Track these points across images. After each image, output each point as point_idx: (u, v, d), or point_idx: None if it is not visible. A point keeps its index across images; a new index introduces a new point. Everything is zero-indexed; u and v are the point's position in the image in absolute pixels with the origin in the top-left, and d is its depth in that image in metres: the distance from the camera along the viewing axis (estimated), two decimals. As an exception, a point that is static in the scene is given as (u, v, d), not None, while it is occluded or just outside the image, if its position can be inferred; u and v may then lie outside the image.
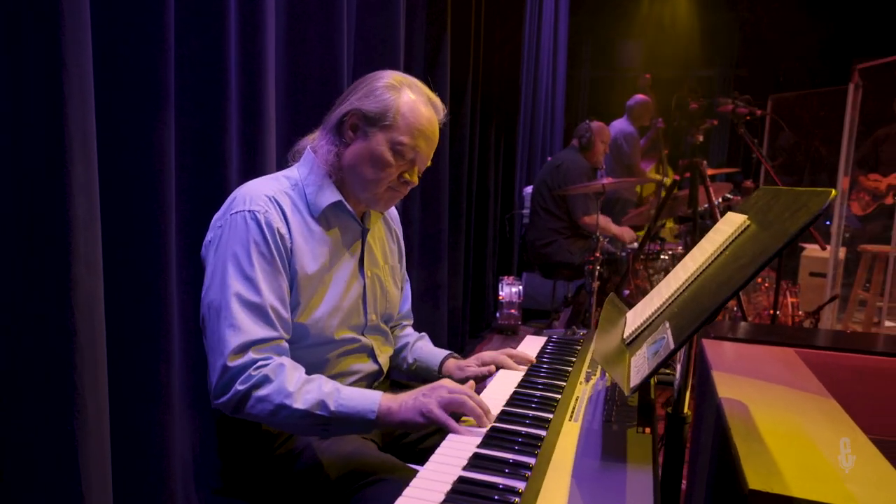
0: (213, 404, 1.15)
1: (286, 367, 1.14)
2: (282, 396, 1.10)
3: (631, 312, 1.33)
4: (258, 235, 1.18)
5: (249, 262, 1.16)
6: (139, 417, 1.46)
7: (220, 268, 1.17)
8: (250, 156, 1.74)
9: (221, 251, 1.19)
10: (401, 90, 1.25)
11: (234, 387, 1.11)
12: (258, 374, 1.11)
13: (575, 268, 3.65)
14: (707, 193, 2.58)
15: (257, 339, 1.13)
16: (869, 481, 0.93)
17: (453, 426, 1.04)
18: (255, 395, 1.11)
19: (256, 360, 1.12)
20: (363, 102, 1.25)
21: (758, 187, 3.56)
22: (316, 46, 1.99)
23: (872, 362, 1.96)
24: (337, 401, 1.11)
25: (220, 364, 1.12)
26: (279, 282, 1.19)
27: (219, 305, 1.14)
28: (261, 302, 1.15)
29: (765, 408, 1.19)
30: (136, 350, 1.45)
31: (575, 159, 3.78)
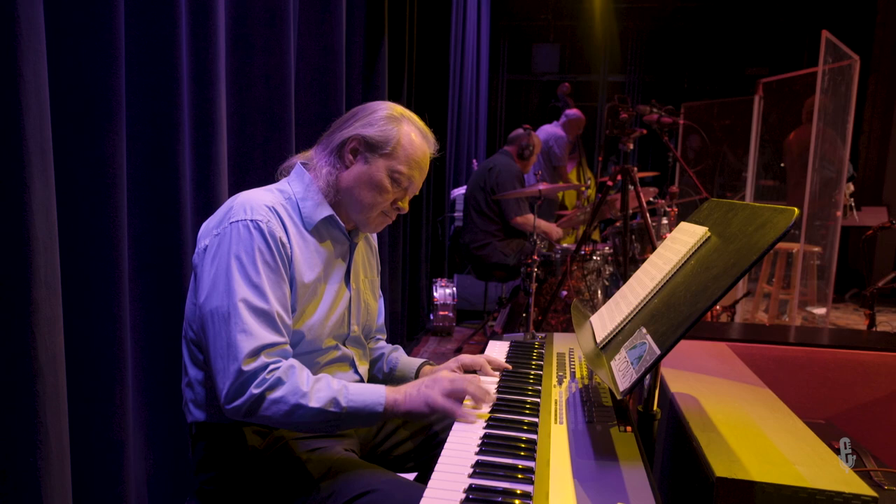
0: (225, 409, 1.15)
1: (296, 369, 1.17)
2: (297, 396, 1.14)
3: (595, 317, 1.41)
4: (262, 244, 1.20)
5: (255, 269, 1.18)
6: (95, 442, 1.40)
7: (224, 275, 1.18)
8: (203, 165, 1.70)
9: (222, 258, 1.19)
10: (401, 122, 1.33)
11: (248, 390, 1.12)
12: (272, 377, 1.14)
13: (509, 269, 3.76)
14: (638, 197, 2.75)
15: (268, 343, 1.16)
16: (813, 462, 1.04)
17: (460, 412, 1.12)
18: (270, 397, 1.13)
19: (268, 364, 1.15)
20: (366, 129, 1.31)
21: (680, 192, 3.81)
22: (261, 53, 1.95)
23: (790, 352, 2.18)
24: (347, 397, 1.16)
25: (235, 368, 1.13)
26: (283, 289, 1.22)
27: (226, 311, 1.15)
28: (269, 309, 1.17)
29: (713, 400, 1.31)
30: (91, 373, 1.38)
31: (507, 163, 3.89)
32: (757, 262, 0.90)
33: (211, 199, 1.70)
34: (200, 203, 1.70)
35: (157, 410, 1.65)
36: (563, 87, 5.96)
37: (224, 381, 1.14)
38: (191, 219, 1.66)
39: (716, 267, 1.01)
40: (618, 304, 1.32)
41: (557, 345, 1.61)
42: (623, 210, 2.76)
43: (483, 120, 7.12)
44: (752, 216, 1.05)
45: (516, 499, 0.85)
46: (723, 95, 5.73)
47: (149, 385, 1.63)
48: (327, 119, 2.32)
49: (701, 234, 1.16)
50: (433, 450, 1.46)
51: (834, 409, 2.10)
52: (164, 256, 1.60)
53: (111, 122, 1.36)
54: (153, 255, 1.59)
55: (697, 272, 1.07)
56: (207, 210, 1.69)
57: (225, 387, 1.14)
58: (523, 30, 9.04)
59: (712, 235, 1.15)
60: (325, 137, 1.37)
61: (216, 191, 1.71)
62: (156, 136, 1.55)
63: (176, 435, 1.69)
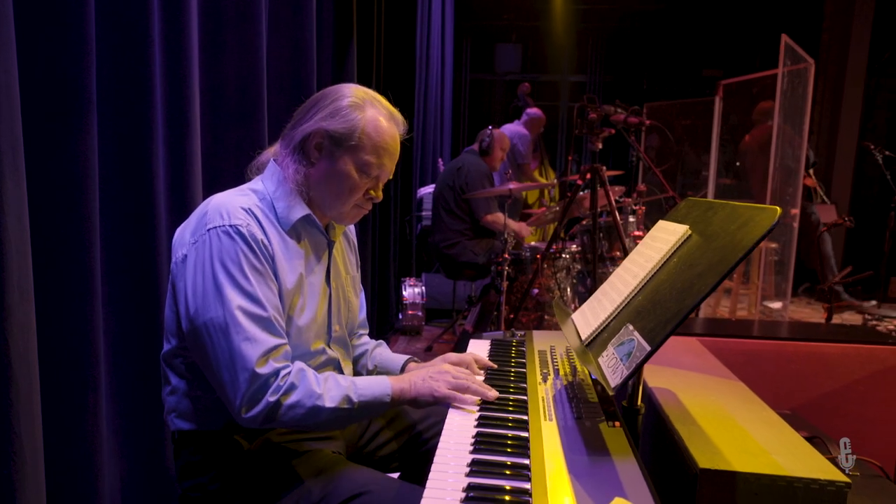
0: (241, 419, 1.13)
1: (305, 371, 1.17)
2: (313, 399, 1.14)
3: (577, 315, 1.43)
4: (246, 248, 1.17)
5: (244, 276, 1.15)
6: (69, 450, 1.35)
7: (212, 285, 1.14)
8: (177, 165, 1.66)
9: (206, 268, 1.15)
10: (365, 108, 1.26)
11: (264, 398, 1.12)
12: (286, 383, 1.14)
13: (479, 268, 3.78)
14: (607, 196, 2.80)
15: (272, 346, 1.14)
16: (788, 451, 1.09)
17: (460, 398, 1.19)
18: (287, 402, 1.13)
19: (279, 370, 1.14)
20: (328, 122, 1.24)
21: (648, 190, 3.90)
22: (233, 51, 1.92)
23: (756, 345, 2.26)
24: (356, 392, 1.18)
25: (246, 376, 1.11)
26: (273, 292, 1.20)
27: (224, 322, 1.13)
28: (266, 314, 1.15)
29: (690, 393, 1.34)
30: (64, 380, 1.34)
31: (475, 162, 3.91)
32: (742, 260, 0.93)
33: (186, 198, 1.66)
34: (175, 203, 1.66)
35: (133, 417, 1.61)
36: (524, 86, 6.05)
37: (235, 391, 1.12)
38: (165, 219, 1.62)
39: (700, 264, 1.04)
40: (600, 302, 1.34)
41: (538, 342, 1.63)
42: (592, 208, 2.80)
43: (448, 119, 7.14)
44: (733, 215, 1.09)
45: (516, 496, 0.85)
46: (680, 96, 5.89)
47: (124, 391, 1.59)
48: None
49: (682, 233, 1.20)
50: (417, 449, 1.46)
51: (798, 399, 2.18)
52: (138, 259, 1.56)
53: (82, 121, 1.32)
54: (127, 257, 1.54)
55: (681, 270, 1.10)
56: (181, 210, 1.65)
57: (237, 397, 1.12)
58: (486, 29, 9.09)
59: (693, 234, 1.18)
60: (288, 131, 1.31)
61: (191, 190, 1.68)
62: (128, 135, 1.50)
63: (153, 442, 1.65)
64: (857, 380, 2.18)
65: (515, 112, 6.01)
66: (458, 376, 1.24)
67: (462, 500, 0.85)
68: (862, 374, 2.18)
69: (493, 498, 0.85)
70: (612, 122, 2.84)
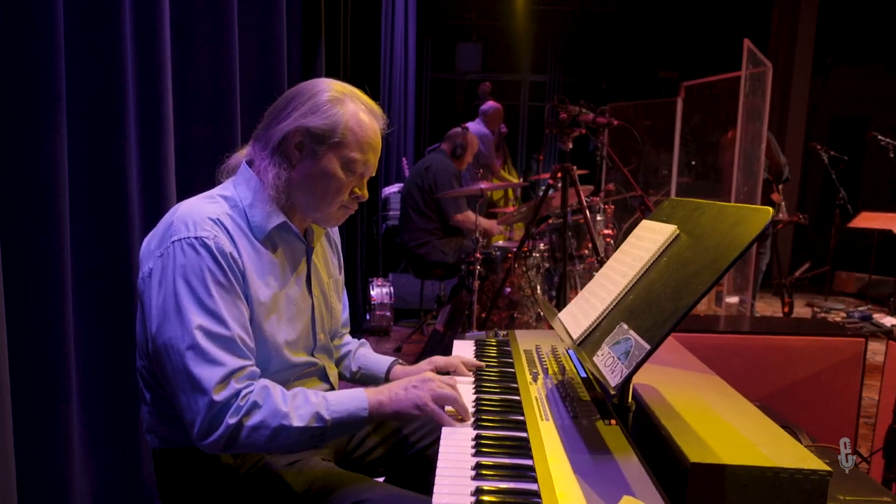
0: (200, 445, 1.06)
1: (270, 388, 1.09)
2: (278, 418, 1.06)
3: (564, 314, 1.44)
4: (212, 263, 1.09)
5: (208, 293, 1.08)
6: (39, 463, 1.29)
7: (173, 302, 1.07)
8: (150, 165, 1.60)
9: (168, 284, 1.08)
10: (345, 102, 1.19)
11: (224, 421, 1.04)
12: (247, 402, 1.06)
13: (449, 267, 3.79)
14: (578, 195, 2.84)
15: (235, 368, 1.07)
16: (771, 442, 1.12)
17: (447, 420, 1.09)
18: (249, 423, 1.05)
19: (240, 390, 1.06)
20: (308, 119, 1.17)
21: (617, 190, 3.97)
22: (206, 48, 1.87)
23: (724, 340, 2.33)
24: (328, 408, 1.10)
25: (205, 401, 1.04)
26: (241, 309, 1.12)
27: (183, 343, 1.05)
28: (229, 334, 1.08)
29: (672, 388, 1.37)
30: (34, 390, 1.28)
31: (444, 162, 3.91)
32: (739, 258, 0.96)
33: (159, 199, 1.61)
34: (148, 205, 1.60)
35: (105, 429, 1.54)
36: (484, 86, 6.06)
37: (193, 416, 1.05)
38: (138, 221, 1.57)
39: (693, 264, 1.06)
40: (588, 301, 1.36)
41: (522, 342, 1.64)
42: (563, 207, 2.84)
43: (411, 118, 7.12)
44: (722, 215, 1.12)
45: (525, 497, 0.86)
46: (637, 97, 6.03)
47: (97, 402, 1.52)
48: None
49: (670, 232, 1.22)
50: (404, 453, 1.45)
51: (764, 391, 2.26)
52: (110, 262, 1.50)
53: (51, 119, 1.26)
54: (99, 261, 1.48)
55: (674, 269, 1.12)
56: (155, 212, 1.60)
57: (196, 423, 1.05)
58: (446, 29, 9.11)
59: (682, 233, 1.20)
60: (262, 131, 1.23)
61: (165, 191, 1.62)
62: (100, 134, 1.45)
63: (127, 455, 1.59)
64: (819, 371, 2.27)
65: (476, 111, 6.02)
66: (444, 385, 1.15)
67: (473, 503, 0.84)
68: (822, 366, 2.27)
69: (505, 501, 0.85)
70: (580, 121, 2.87)
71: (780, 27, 7.26)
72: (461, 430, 1.10)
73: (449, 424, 1.09)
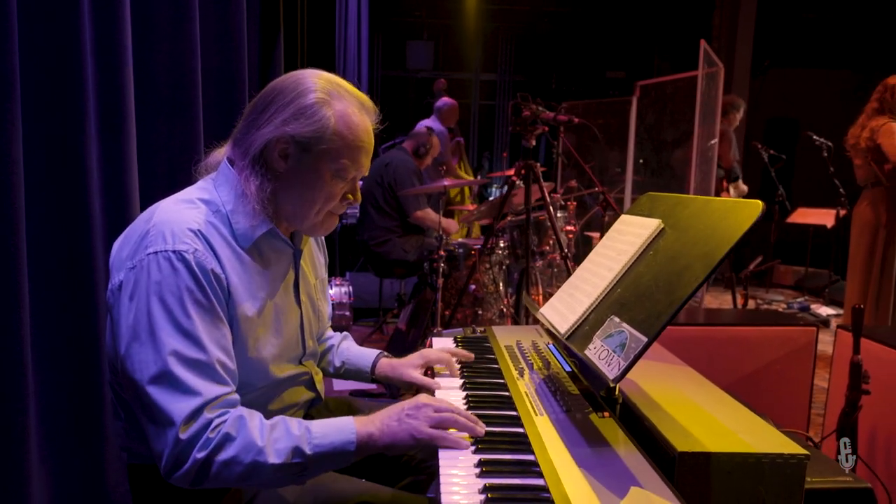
0: (168, 479, 0.98)
1: (246, 419, 0.99)
2: (252, 454, 0.96)
3: (547, 309, 1.45)
4: (191, 282, 1.00)
5: (185, 313, 0.98)
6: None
7: (146, 322, 0.98)
8: (112, 161, 1.52)
9: (140, 300, 0.99)
10: (332, 102, 1.09)
11: (191, 455, 0.95)
12: (217, 435, 0.96)
13: (409, 265, 3.76)
14: (541, 192, 2.87)
15: (211, 398, 0.97)
16: (749, 429, 1.16)
17: (451, 440, 1.00)
18: (219, 458, 0.95)
19: (211, 420, 0.97)
20: (293, 126, 1.07)
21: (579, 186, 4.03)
22: (166, 41, 1.79)
23: (686, 332, 2.40)
24: (311, 442, 0.99)
25: (172, 436, 0.95)
26: (222, 331, 1.03)
27: (154, 369, 0.96)
28: (206, 359, 0.99)
29: (649, 380, 1.40)
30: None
31: (404, 159, 3.88)
32: (732, 251, 0.98)
33: (123, 197, 1.53)
34: (110, 203, 1.52)
35: (66, 443, 1.46)
36: (439, 83, 6.03)
37: (161, 447, 0.96)
38: (101, 221, 1.48)
39: (684, 257, 1.08)
40: (572, 296, 1.37)
41: (501, 338, 1.63)
42: (526, 204, 2.86)
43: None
44: (707, 209, 1.14)
45: (534, 493, 0.85)
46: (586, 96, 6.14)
47: (56, 412, 1.43)
48: (230, 112, 2.19)
49: (655, 227, 1.24)
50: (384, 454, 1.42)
51: (727, 380, 2.33)
52: (71, 266, 1.41)
53: (5, 115, 1.17)
54: (59, 264, 1.39)
55: (662, 263, 1.14)
56: (118, 212, 1.52)
57: (163, 455, 0.96)
58: (397, 26, 9.06)
59: (666, 227, 1.22)
60: (241, 133, 1.13)
61: (128, 188, 1.54)
62: (58, 129, 1.36)
63: (91, 467, 1.50)
64: (775, 359, 2.37)
65: (429, 108, 5.99)
66: (441, 408, 1.04)
67: (483, 501, 0.83)
68: (778, 354, 2.37)
69: (516, 497, 0.84)
70: (542, 119, 2.90)
71: (721, 31, 7.55)
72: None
73: (453, 443, 1.00)
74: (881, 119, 3.72)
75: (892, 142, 3.64)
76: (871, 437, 2.12)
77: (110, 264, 1.09)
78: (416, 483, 1.40)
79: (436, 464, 0.95)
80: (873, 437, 2.12)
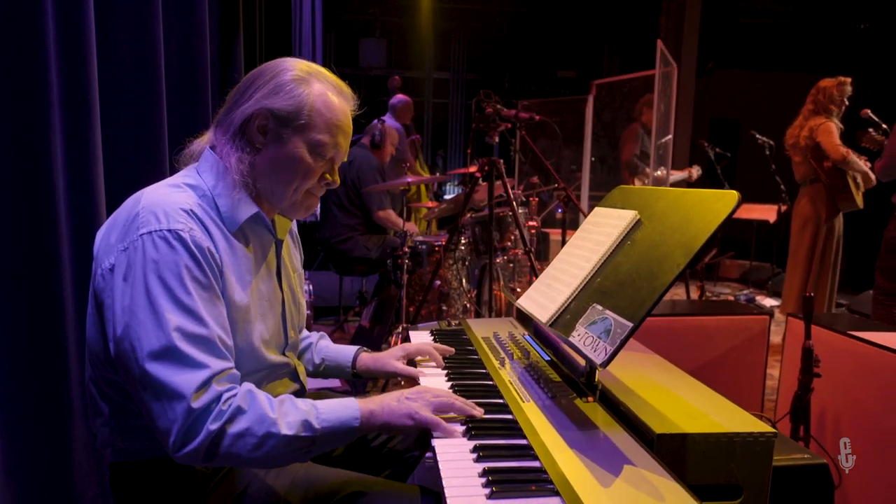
0: (176, 457, 0.96)
1: (255, 393, 1.01)
2: (266, 425, 0.98)
3: (524, 300, 1.48)
4: (189, 260, 1.00)
5: (185, 290, 0.99)
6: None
7: (145, 301, 0.97)
8: (77, 152, 1.46)
9: (137, 280, 0.98)
10: (310, 81, 1.12)
11: (204, 427, 0.95)
12: (229, 407, 0.97)
13: (371, 263, 3.75)
14: (504, 188, 2.91)
15: (216, 371, 0.98)
16: (719, 411, 1.22)
17: (444, 427, 1.04)
18: (232, 431, 0.96)
19: (221, 393, 0.97)
20: (272, 100, 1.10)
21: (540, 183, 4.09)
22: (130, 30, 1.74)
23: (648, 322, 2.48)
24: (318, 416, 1.02)
25: (182, 407, 0.94)
26: (219, 308, 1.04)
27: (158, 345, 0.96)
28: (208, 334, 0.99)
29: (621, 369, 1.45)
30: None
31: (366, 156, 3.86)
32: (711, 239, 1.03)
33: (90, 192, 1.48)
34: (77, 198, 1.46)
35: (32, 450, 1.40)
36: (394, 80, 6.00)
37: (168, 423, 0.95)
38: (65, 216, 1.43)
39: (662, 246, 1.13)
40: (551, 286, 1.40)
41: (477, 331, 1.66)
42: (490, 200, 2.90)
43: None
44: (682, 200, 1.19)
45: (534, 474, 0.88)
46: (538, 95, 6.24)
47: (20, 420, 1.37)
48: (194, 105, 2.14)
49: (631, 218, 1.28)
50: (365, 448, 1.43)
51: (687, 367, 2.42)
52: (35, 263, 1.36)
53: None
54: (23, 261, 1.34)
55: (641, 252, 1.18)
56: (85, 206, 1.47)
57: (172, 431, 0.95)
58: (350, 23, 8.98)
59: (642, 218, 1.27)
60: (223, 115, 1.15)
61: (95, 183, 1.49)
62: (19, 119, 1.30)
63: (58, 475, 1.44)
64: (732, 346, 2.48)
65: (383, 107, 5.97)
66: (439, 394, 1.10)
67: (484, 484, 0.85)
68: (735, 342, 2.48)
69: (514, 479, 0.86)
70: (503, 116, 2.94)
71: (667, 32, 7.80)
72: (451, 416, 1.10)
73: (448, 431, 1.04)
74: (818, 119, 3.94)
75: (830, 140, 3.85)
76: (820, 418, 2.25)
77: (96, 251, 1.07)
78: (396, 475, 1.41)
79: (430, 452, 0.96)
80: (822, 417, 2.25)
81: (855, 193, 3.90)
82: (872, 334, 2.12)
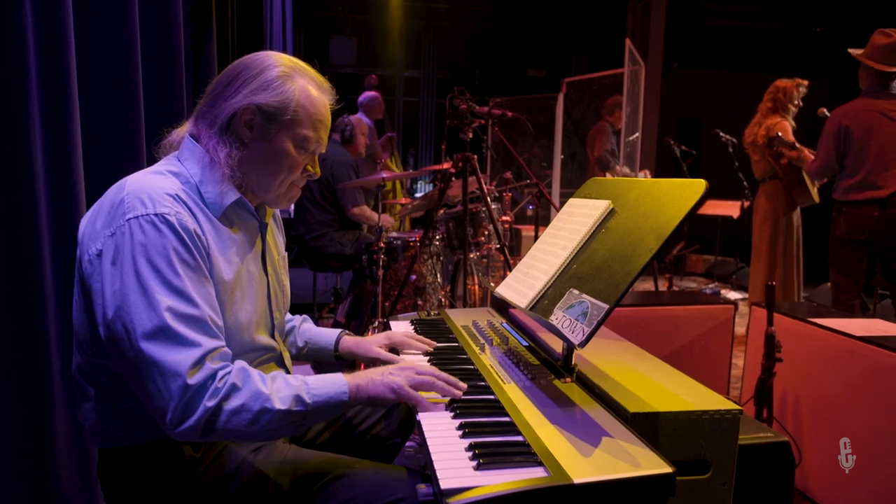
0: (173, 434, 0.98)
1: (249, 370, 1.04)
2: (261, 401, 1.01)
3: (503, 288, 1.53)
4: (176, 241, 1.03)
5: (174, 272, 1.01)
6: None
7: (135, 283, 0.99)
8: (57, 143, 1.46)
9: (126, 264, 1.00)
10: (294, 77, 1.16)
11: (201, 404, 0.97)
12: (225, 384, 1.00)
13: (346, 259, 3.76)
14: (479, 183, 2.95)
15: (209, 349, 1.01)
16: (688, 391, 1.28)
17: (424, 403, 1.09)
18: (228, 407, 0.99)
19: (216, 371, 1.00)
20: (259, 96, 1.13)
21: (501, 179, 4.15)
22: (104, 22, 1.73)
23: (616, 313, 2.56)
24: (309, 392, 1.06)
25: (178, 385, 0.97)
26: (208, 289, 1.06)
27: (150, 326, 0.98)
28: (199, 314, 1.02)
29: (595, 354, 1.51)
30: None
31: (340, 152, 3.87)
32: (681, 225, 1.09)
33: (70, 182, 1.47)
34: (56, 189, 1.46)
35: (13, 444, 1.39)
36: (370, 78, 5.99)
37: (164, 402, 0.97)
38: (45, 208, 1.42)
39: (636, 232, 1.18)
40: (528, 274, 1.45)
41: (456, 320, 1.70)
42: (464, 196, 2.94)
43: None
44: (653, 189, 1.25)
45: (519, 447, 0.92)
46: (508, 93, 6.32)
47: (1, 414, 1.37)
48: (169, 97, 2.13)
49: (605, 207, 1.34)
50: (349, 435, 1.46)
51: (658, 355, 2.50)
52: (15, 256, 1.35)
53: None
54: (3, 254, 1.33)
55: (616, 239, 1.24)
56: (65, 197, 1.46)
57: (169, 409, 0.97)
58: (320, 21, 8.94)
59: (615, 207, 1.33)
60: (206, 107, 1.17)
61: (75, 174, 1.49)
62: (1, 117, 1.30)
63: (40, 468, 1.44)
64: (700, 334, 2.57)
65: (352, 104, 5.96)
66: (423, 372, 1.14)
67: (472, 457, 0.89)
68: (702, 330, 2.58)
69: (501, 451, 0.90)
70: (476, 113, 2.99)
71: (633, 32, 7.96)
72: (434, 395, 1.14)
73: (427, 409, 1.08)
74: (775, 117, 4.09)
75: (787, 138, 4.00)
76: (782, 400, 2.36)
77: (80, 238, 1.08)
78: (379, 461, 1.44)
79: (411, 441, 1.00)
80: (784, 399, 2.36)
81: (811, 188, 4.05)
82: (830, 320, 2.23)
